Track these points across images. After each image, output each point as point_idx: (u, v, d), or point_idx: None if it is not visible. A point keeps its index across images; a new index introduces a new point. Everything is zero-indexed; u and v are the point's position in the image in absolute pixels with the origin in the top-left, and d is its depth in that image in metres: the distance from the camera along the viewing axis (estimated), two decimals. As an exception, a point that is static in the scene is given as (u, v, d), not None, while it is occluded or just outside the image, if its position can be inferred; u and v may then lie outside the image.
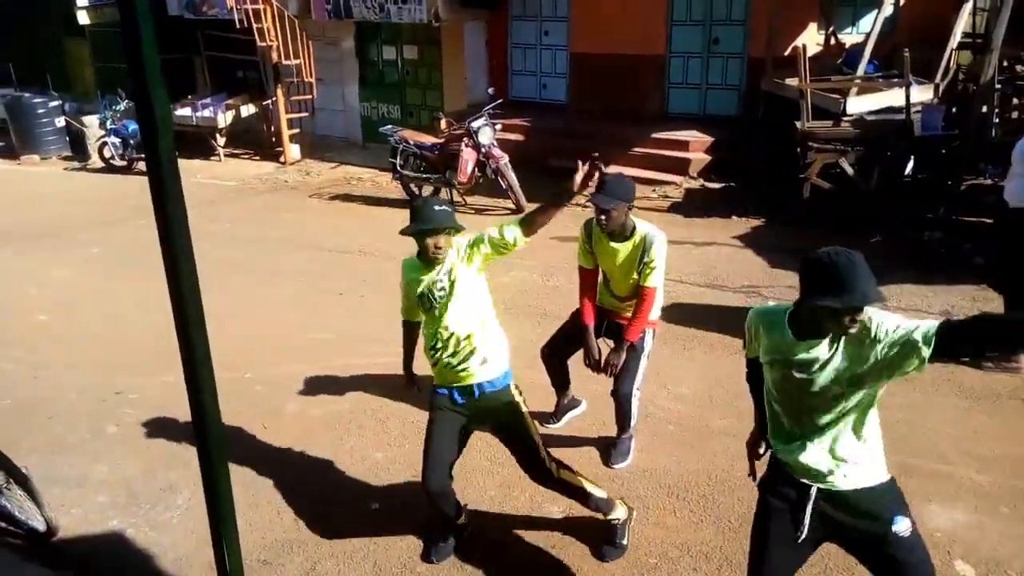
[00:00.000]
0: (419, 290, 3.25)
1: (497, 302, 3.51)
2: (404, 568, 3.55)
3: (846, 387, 2.36)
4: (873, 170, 8.11)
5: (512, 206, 9.28)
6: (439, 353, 3.26)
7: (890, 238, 7.62)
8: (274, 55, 12.16)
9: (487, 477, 4.18)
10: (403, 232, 3.22)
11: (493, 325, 3.37)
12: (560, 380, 4.52)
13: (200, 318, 1.96)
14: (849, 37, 10.40)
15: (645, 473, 4.13)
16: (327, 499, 4.04)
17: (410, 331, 3.54)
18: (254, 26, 11.83)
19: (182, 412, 4.62)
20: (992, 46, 7.49)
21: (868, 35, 8.99)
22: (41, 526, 3.73)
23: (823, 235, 7.69)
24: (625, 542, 3.55)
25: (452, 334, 3.22)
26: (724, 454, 4.22)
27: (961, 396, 4.78)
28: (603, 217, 3.75)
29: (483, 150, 9.16)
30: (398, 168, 9.82)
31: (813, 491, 2.46)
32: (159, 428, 4.73)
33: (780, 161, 8.98)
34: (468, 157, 9.17)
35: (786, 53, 9.86)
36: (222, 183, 11.69)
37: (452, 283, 3.19)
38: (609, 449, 4.29)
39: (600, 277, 4.14)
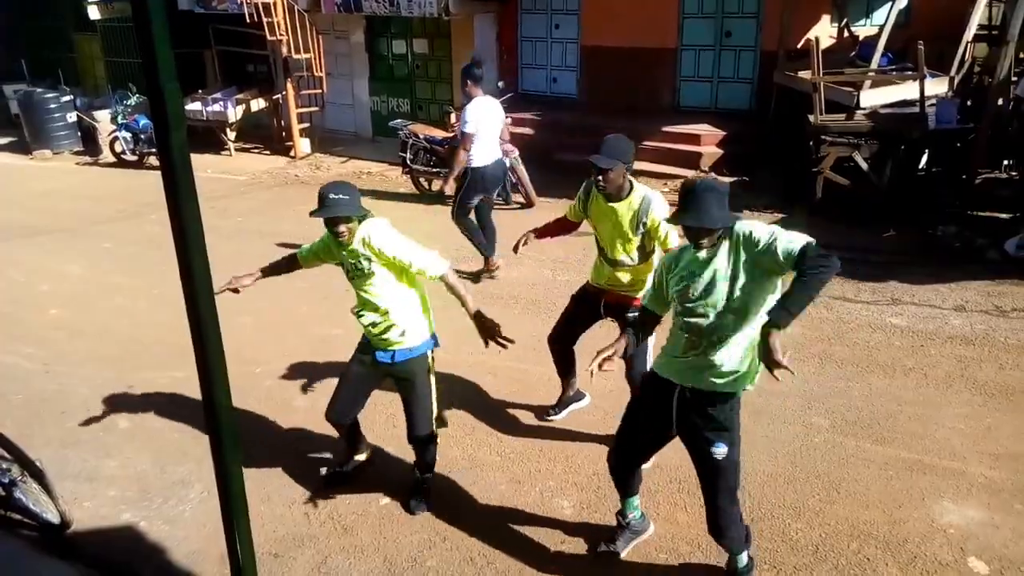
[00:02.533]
0: (338, 260, 3.60)
1: (507, 296, 3.51)
2: (414, 562, 3.56)
3: (733, 288, 2.76)
4: (887, 164, 8.04)
5: (522, 200, 9.26)
6: (363, 319, 3.60)
7: (904, 232, 7.57)
8: (284, 49, 12.16)
9: (497, 472, 4.19)
10: (311, 215, 3.42)
11: (417, 304, 3.61)
12: (564, 367, 4.50)
13: (213, 313, 1.96)
14: (863, 29, 10.30)
15: (656, 468, 4.11)
16: (336, 494, 4.05)
17: (289, 263, 3.92)
18: (264, 20, 11.84)
19: (194, 407, 4.68)
20: (1008, 38, 7.40)
21: (882, 27, 8.89)
22: (55, 519, 3.76)
23: (837, 229, 7.70)
24: (428, 495, 3.90)
25: (375, 307, 3.53)
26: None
27: (975, 393, 4.74)
28: (600, 177, 3.69)
29: (493, 144, 9.13)
30: (408, 162, 9.81)
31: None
32: (171, 423, 4.76)
33: (793, 155, 8.92)
34: (478, 151, 9.14)
35: (799, 46, 9.78)
36: (232, 177, 11.72)
37: (370, 266, 3.45)
38: None
39: (596, 255, 4.08)
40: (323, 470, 4.23)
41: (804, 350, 5.27)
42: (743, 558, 3.23)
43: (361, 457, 4.15)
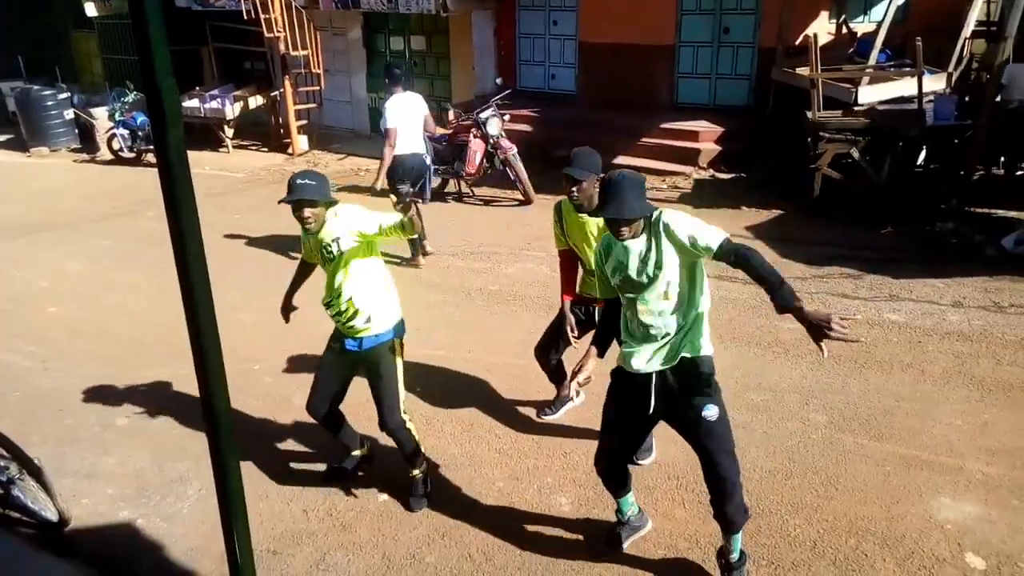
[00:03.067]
0: (309, 247, 3.71)
1: (505, 293, 3.51)
2: (413, 559, 3.57)
3: (661, 269, 2.88)
4: (884, 160, 8.04)
5: (520, 197, 9.26)
6: (331, 309, 3.69)
7: (902, 229, 7.57)
8: (282, 46, 12.15)
9: (495, 469, 4.19)
10: (280, 201, 3.50)
11: (381, 291, 3.68)
12: (555, 376, 4.51)
13: (210, 310, 1.96)
14: (861, 26, 10.30)
15: (654, 464, 4.12)
16: (335, 491, 4.06)
17: (303, 270, 4.05)
18: (262, 17, 11.82)
19: (192, 404, 4.67)
20: (1006, 34, 7.39)
21: (880, 24, 8.90)
22: (54, 517, 3.77)
23: (834, 225, 7.71)
24: (429, 489, 3.95)
25: (340, 295, 3.62)
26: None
27: (972, 388, 4.75)
28: (574, 189, 3.70)
29: (491, 141, 9.13)
30: (406, 159, 9.80)
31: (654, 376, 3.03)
32: (168, 420, 4.76)
33: (791, 151, 8.92)
34: (476, 148, 9.15)
35: (797, 42, 9.77)
36: (230, 174, 11.71)
37: (340, 252, 3.53)
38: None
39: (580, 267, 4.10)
40: (325, 466, 4.23)
41: (801, 346, 5.27)
42: (737, 545, 3.24)
43: (357, 453, 4.16)
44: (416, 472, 3.90)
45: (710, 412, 2.96)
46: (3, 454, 3.76)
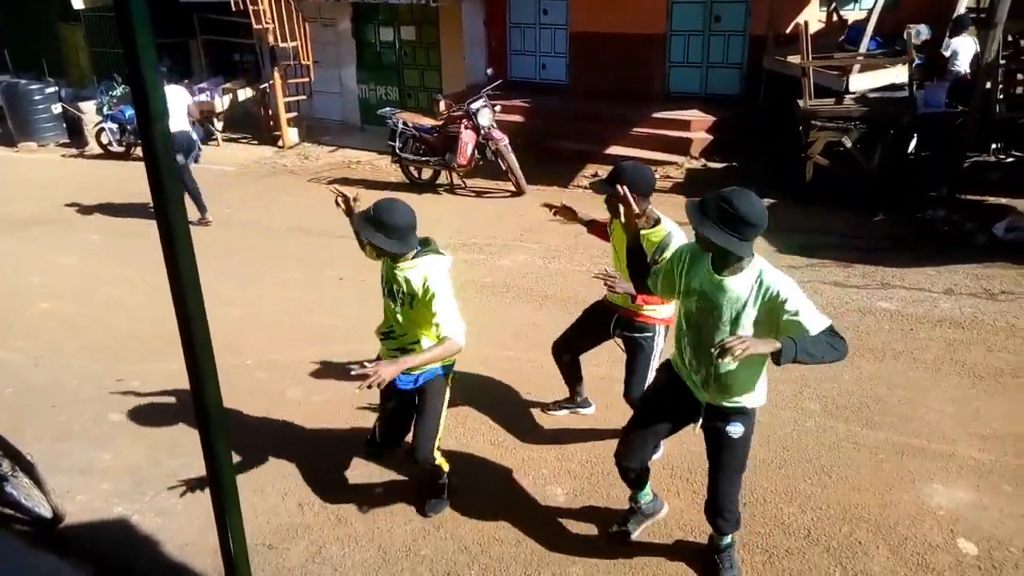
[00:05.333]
0: (383, 272, 3.45)
1: (498, 285, 3.51)
2: (408, 551, 3.57)
3: (739, 322, 2.74)
4: (876, 148, 8.05)
5: (512, 188, 9.24)
6: (389, 342, 3.51)
7: (893, 216, 7.59)
8: (271, 37, 12.05)
9: (490, 461, 4.20)
10: (361, 235, 3.34)
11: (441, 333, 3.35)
12: (572, 378, 4.44)
13: (200, 304, 1.95)
14: (851, 14, 10.29)
15: (648, 455, 4.13)
16: (331, 484, 4.06)
17: None
18: (250, 8, 11.71)
19: (186, 399, 4.64)
20: (996, 21, 7.40)
21: (871, 11, 8.89)
22: (47, 513, 3.75)
23: (826, 213, 7.72)
24: (446, 498, 3.83)
25: (404, 334, 3.44)
26: (727, 435, 4.22)
27: (964, 375, 4.78)
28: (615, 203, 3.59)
29: (482, 132, 9.10)
30: (397, 151, 9.77)
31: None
32: (162, 415, 4.74)
33: (782, 140, 8.92)
34: (467, 139, 9.11)
35: (788, 30, 9.77)
36: (220, 168, 11.63)
37: (412, 299, 3.32)
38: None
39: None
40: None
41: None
42: (727, 537, 3.26)
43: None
44: (436, 482, 3.81)
45: (735, 429, 2.96)
46: (-5, 451, 3.74)
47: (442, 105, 9.93)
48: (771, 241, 7.08)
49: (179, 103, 8.80)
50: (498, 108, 9.63)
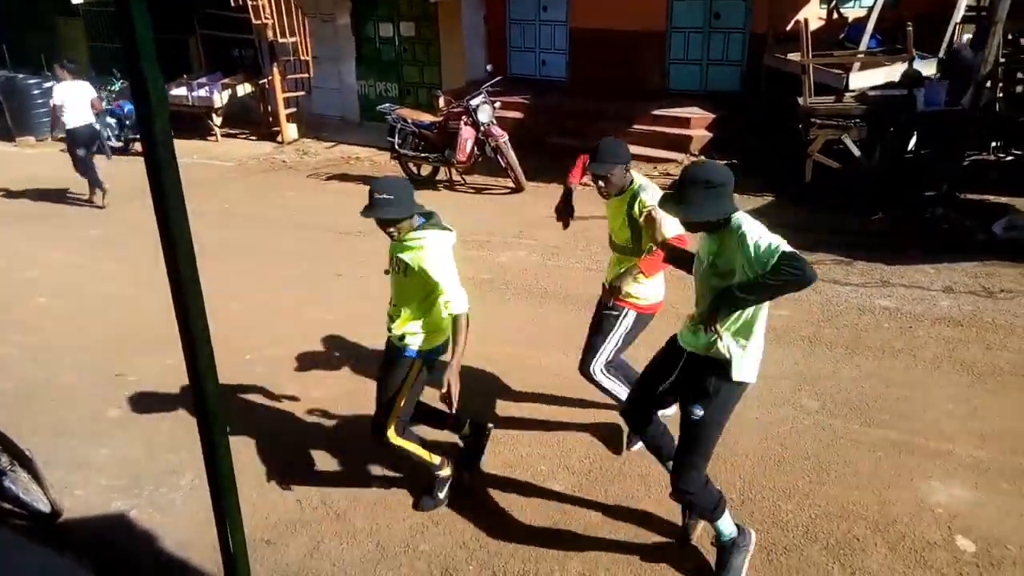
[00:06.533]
0: (390, 244, 3.54)
1: (499, 282, 3.51)
2: (407, 547, 3.57)
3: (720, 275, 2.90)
4: (876, 146, 8.05)
5: (512, 185, 9.23)
6: (389, 310, 3.64)
7: (892, 214, 7.59)
8: (270, 33, 12.03)
9: (489, 456, 4.17)
10: (361, 213, 3.39)
11: (427, 315, 3.55)
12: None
13: (199, 300, 1.94)
14: (852, 11, 10.28)
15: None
16: (329, 480, 4.06)
17: None
18: (249, 4, 11.69)
19: (184, 394, 4.66)
20: (997, 19, 7.39)
21: (871, 9, 8.89)
22: (46, 508, 3.75)
23: (825, 211, 7.72)
24: (443, 496, 3.83)
25: (395, 304, 3.59)
26: (726, 433, 4.21)
27: (962, 373, 4.78)
28: (602, 183, 3.70)
29: (482, 128, 9.09)
30: (396, 147, 9.75)
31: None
32: (160, 410, 4.74)
33: (782, 138, 8.91)
34: (467, 136, 9.10)
35: (788, 28, 9.75)
36: (219, 163, 11.63)
37: (407, 268, 3.43)
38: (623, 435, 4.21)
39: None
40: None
41: (794, 332, 5.29)
42: (724, 530, 3.23)
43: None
44: (441, 473, 3.82)
45: (696, 411, 3.02)
46: (-7, 446, 3.74)
47: (441, 101, 9.91)
48: (770, 239, 7.08)
49: (83, 98, 9.14)
50: (498, 104, 9.63)
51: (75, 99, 9.12)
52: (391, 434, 3.63)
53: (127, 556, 3.64)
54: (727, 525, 3.24)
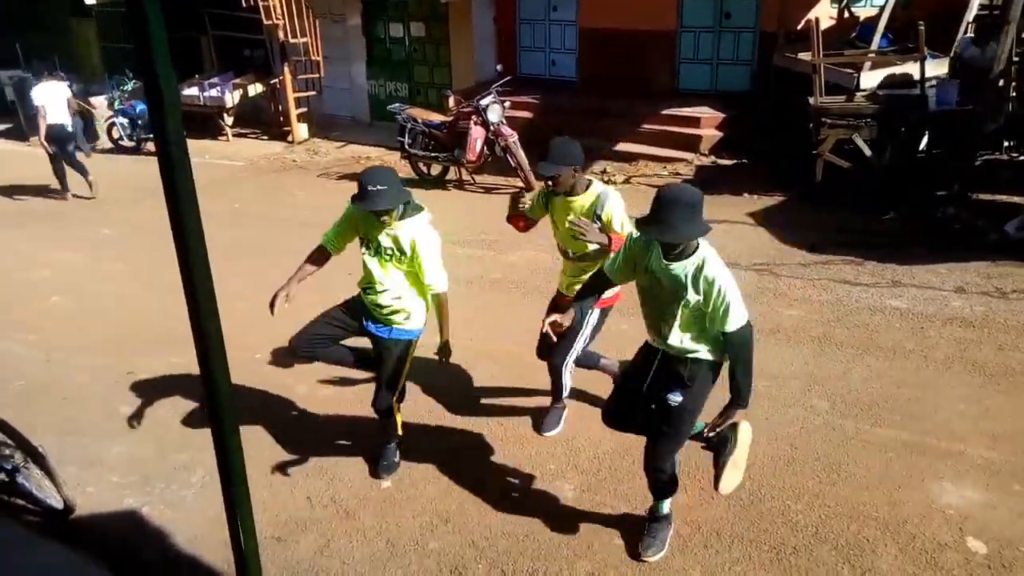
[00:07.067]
0: (370, 230, 3.67)
1: (507, 281, 3.53)
2: (416, 545, 3.58)
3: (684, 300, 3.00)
4: (887, 146, 8.00)
5: (521, 184, 9.23)
6: (370, 296, 3.76)
7: (904, 215, 7.54)
8: (281, 33, 12.08)
9: (498, 455, 4.21)
10: (352, 201, 3.60)
11: (423, 292, 3.76)
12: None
13: (211, 298, 1.95)
14: (863, 10, 10.23)
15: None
16: (338, 478, 4.07)
17: (318, 255, 3.97)
18: (260, 4, 11.74)
19: (194, 393, 4.69)
20: (1009, 19, 7.33)
21: (882, 8, 8.83)
22: (58, 504, 3.78)
23: (836, 211, 7.68)
24: (396, 460, 4.09)
25: (386, 289, 3.69)
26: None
27: (974, 374, 4.75)
28: (550, 183, 3.77)
29: (492, 128, 9.10)
30: (406, 147, 9.78)
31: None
32: (172, 408, 4.77)
33: (793, 137, 8.88)
34: (477, 135, 9.11)
35: (799, 27, 9.71)
36: (230, 163, 11.68)
37: (400, 250, 3.62)
38: (540, 417, 4.39)
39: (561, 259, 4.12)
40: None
41: (804, 332, 5.27)
42: (664, 509, 3.44)
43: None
44: (391, 444, 4.09)
45: (674, 397, 3.13)
46: (8, 442, 3.77)
47: (451, 101, 9.93)
48: (781, 238, 7.07)
49: (59, 97, 9.42)
50: (507, 104, 9.63)
51: (53, 99, 9.40)
52: (394, 408, 3.94)
53: (139, 552, 3.67)
54: (668, 505, 3.46)
